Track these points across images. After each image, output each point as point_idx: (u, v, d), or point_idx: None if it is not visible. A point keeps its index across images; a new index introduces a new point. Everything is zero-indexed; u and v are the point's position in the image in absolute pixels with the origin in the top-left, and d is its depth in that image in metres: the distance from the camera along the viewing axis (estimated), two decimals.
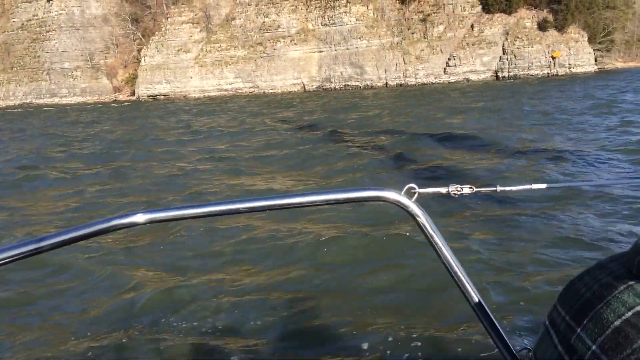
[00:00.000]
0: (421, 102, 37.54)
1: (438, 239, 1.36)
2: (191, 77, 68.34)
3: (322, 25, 68.10)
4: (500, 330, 1.24)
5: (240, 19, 69.21)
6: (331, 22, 67.56)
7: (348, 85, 67.04)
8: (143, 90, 68.93)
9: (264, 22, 68.54)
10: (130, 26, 75.52)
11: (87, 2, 74.92)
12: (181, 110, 44.21)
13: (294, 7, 68.41)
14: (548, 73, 64.44)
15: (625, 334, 0.72)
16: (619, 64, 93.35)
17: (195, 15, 69.61)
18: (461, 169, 11.71)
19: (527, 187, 1.70)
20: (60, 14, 74.29)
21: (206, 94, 67.96)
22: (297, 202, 1.31)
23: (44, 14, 76.14)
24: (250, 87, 68.15)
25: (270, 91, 67.42)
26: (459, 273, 1.37)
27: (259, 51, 68.14)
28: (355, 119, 26.69)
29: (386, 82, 66.10)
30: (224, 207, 1.25)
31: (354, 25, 66.73)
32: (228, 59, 68.27)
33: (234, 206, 1.26)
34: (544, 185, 1.77)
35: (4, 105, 74.24)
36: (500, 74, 65.32)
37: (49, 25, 75.04)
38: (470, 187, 1.51)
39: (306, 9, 68.72)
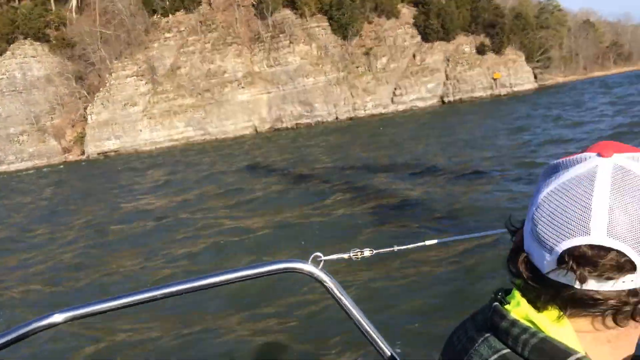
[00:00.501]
0: (360, 136, 37.88)
1: (347, 301, 1.46)
2: (140, 130, 67.49)
3: (267, 67, 68.71)
4: None
5: (185, 67, 69.22)
6: (276, 63, 68.27)
7: (299, 123, 67.37)
8: (92, 148, 67.63)
9: (209, 68, 68.71)
10: (74, 84, 74.49)
11: (29, 65, 73.72)
12: (127, 169, 43.34)
13: (238, 52, 68.93)
14: (491, 94, 66.34)
15: None
16: (560, 79, 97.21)
17: (140, 67, 69.26)
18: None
19: (421, 244, 1.83)
20: (1, 78, 72.80)
21: (157, 146, 67.09)
22: (210, 283, 1.35)
23: None
24: (201, 135, 67.70)
25: (222, 136, 67.08)
26: (370, 331, 1.45)
27: (207, 98, 68.06)
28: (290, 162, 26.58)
29: (336, 117, 66.75)
30: (139, 297, 1.26)
31: (299, 64, 67.54)
32: (177, 108, 67.88)
33: (150, 294, 1.27)
34: (435, 241, 1.91)
35: None
36: (446, 99, 66.92)
37: None
38: (370, 250, 1.63)
39: (250, 52, 69.35)
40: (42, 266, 12.15)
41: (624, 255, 0.72)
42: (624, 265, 0.72)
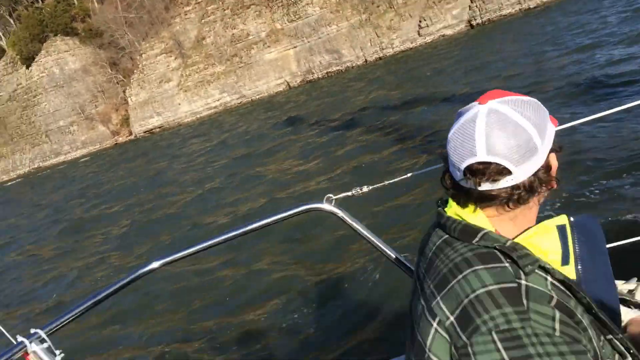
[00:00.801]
0: (389, 75, 38.36)
1: (358, 226, 1.82)
2: (179, 104, 69.87)
3: (289, 22, 68.93)
4: None
5: (209, 36, 70.41)
6: (297, 17, 68.36)
7: (329, 71, 67.86)
8: (137, 128, 70.76)
9: (233, 33, 69.64)
10: (109, 71, 77.32)
11: (64, 59, 76.84)
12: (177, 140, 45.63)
13: (257, 12, 69.36)
14: (520, 8, 64.31)
15: (474, 309, 1.09)
16: None
17: (167, 45, 71.02)
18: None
19: (405, 177, 2.19)
20: (42, 76, 76.39)
21: (198, 116, 69.48)
22: (253, 228, 1.86)
23: (26, 81, 78.36)
24: (237, 98, 69.45)
25: (258, 97, 68.62)
26: (382, 246, 1.78)
27: (236, 62, 69.32)
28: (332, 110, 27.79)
29: (365, 59, 66.76)
30: (207, 243, 1.78)
31: (319, 14, 67.43)
32: (209, 77, 69.60)
33: (215, 240, 1.79)
34: (414, 173, 2.24)
35: (14, 176, 76.94)
36: (474, 22, 65.42)
37: (35, 90, 77.25)
38: (368, 186, 2.00)
39: (270, 11, 69.62)
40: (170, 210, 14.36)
41: (500, 165, 1.15)
42: (502, 171, 1.16)
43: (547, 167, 1.22)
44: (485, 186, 1.18)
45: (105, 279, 10.80)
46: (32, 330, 1.37)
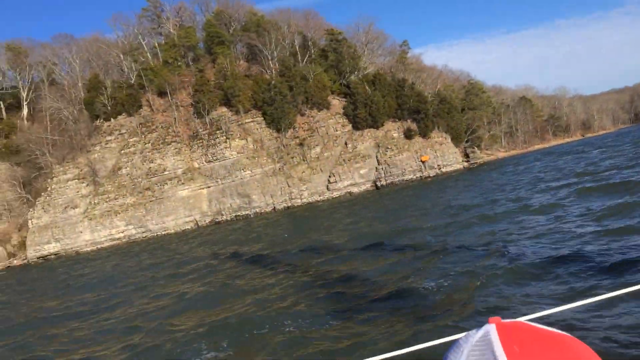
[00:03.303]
0: (298, 223, 39.21)
1: None
2: (81, 232, 68.18)
3: (206, 162, 71.13)
4: None
5: (126, 167, 71.23)
6: (214, 158, 70.79)
7: (238, 214, 68.91)
8: (32, 253, 67.80)
9: (150, 167, 70.82)
10: (19, 190, 75.74)
11: None
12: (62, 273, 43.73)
13: (177, 150, 71.47)
14: (421, 176, 69.12)
15: None
16: (501, 154, 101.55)
17: (81, 171, 71.14)
18: None
19: None
20: None
21: (99, 246, 67.61)
22: None
23: None
24: (143, 232, 68.57)
25: (163, 232, 68.05)
26: None
27: (148, 195, 69.63)
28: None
29: (274, 207, 68.53)
30: None
31: (236, 158, 70.15)
32: (117, 207, 69.11)
33: None
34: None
35: None
36: (378, 183, 69.42)
37: None
38: None
39: (189, 150, 71.94)
40: None
41: None
42: None
43: None
44: None
45: None
46: None
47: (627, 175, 25.56)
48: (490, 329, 1.20)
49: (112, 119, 73.83)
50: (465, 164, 74.42)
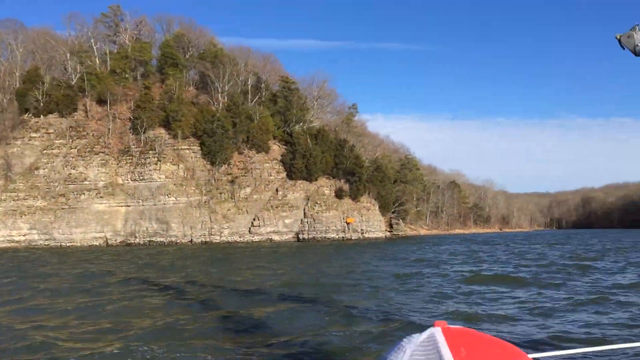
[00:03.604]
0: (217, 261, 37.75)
1: None
2: None
3: (131, 180, 68.71)
4: None
5: (45, 169, 67.56)
6: (141, 178, 68.56)
7: (152, 240, 66.38)
8: None
9: (70, 173, 67.50)
10: None
11: None
12: None
13: (104, 162, 68.75)
14: (343, 237, 69.75)
15: None
16: (424, 231, 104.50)
17: None
18: None
19: None
20: None
21: None
22: None
23: None
24: (46, 240, 64.41)
25: (69, 244, 64.17)
26: None
27: (61, 202, 65.97)
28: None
29: (191, 239, 66.62)
30: None
31: (163, 182, 68.26)
32: (25, 209, 64.89)
33: None
34: None
35: None
36: (301, 236, 69.33)
37: None
38: None
39: (117, 164, 69.38)
40: None
41: None
42: None
43: None
44: None
45: None
46: None
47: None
48: (436, 331, 1.20)
49: (41, 116, 70.44)
50: (388, 233, 75.97)
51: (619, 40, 6.35)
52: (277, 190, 71.19)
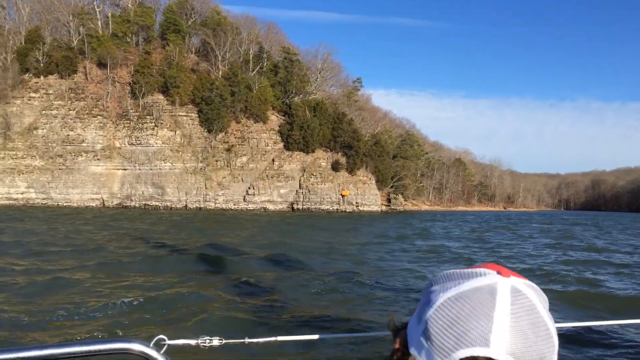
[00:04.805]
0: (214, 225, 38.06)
1: None
2: None
3: (128, 144, 69.10)
4: None
5: (43, 129, 68.12)
6: (138, 142, 68.91)
7: (148, 204, 67.09)
8: None
9: (68, 135, 68.03)
10: None
11: None
12: None
13: (102, 124, 69.11)
14: (337, 209, 69.88)
15: None
16: (425, 206, 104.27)
17: None
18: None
19: (273, 339, 1.71)
20: None
21: None
22: (36, 356, 1.17)
23: None
24: (43, 199, 65.40)
25: (65, 204, 65.11)
26: None
27: (59, 163, 66.71)
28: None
29: (186, 205, 67.22)
30: None
31: (160, 147, 68.58)
32: (23, 167, 65.75)
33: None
34: (288, 338, 1.82)
35: None
36: (295, 206, 69.58)
37: None
38: (220, 339, 1.48)
39: (115, 127, 69.72)
40: None
41: None
42: None
43: None
44: None
45: None
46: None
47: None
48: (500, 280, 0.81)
49: (41, 77, 70.68)
50: (384, 207, 75.91)
51: None
52: (273, 160, 71.22)
